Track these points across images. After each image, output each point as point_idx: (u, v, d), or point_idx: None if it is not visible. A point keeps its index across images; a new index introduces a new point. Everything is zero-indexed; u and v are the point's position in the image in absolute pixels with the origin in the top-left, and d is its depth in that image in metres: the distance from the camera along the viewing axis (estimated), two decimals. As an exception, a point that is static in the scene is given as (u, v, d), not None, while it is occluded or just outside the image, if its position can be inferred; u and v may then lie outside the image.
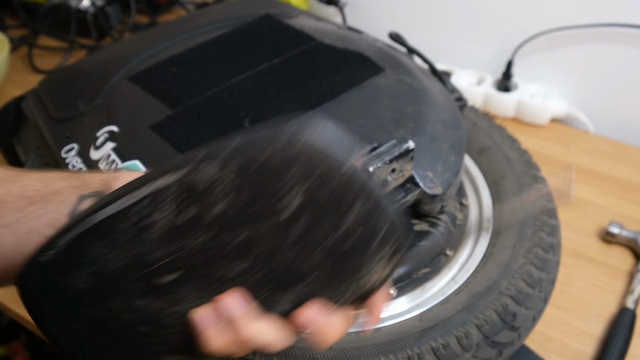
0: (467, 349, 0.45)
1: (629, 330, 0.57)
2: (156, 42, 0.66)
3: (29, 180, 0.39)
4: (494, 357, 0.46)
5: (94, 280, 0.31)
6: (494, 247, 0.54)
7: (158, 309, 0.32)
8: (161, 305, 0.31)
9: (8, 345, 0.99)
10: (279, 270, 0.31)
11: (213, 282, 0.31)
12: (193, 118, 0.55)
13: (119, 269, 0.31)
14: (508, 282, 0.49)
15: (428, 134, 0.53)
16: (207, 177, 0.28)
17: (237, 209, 0.28)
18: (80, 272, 0.31)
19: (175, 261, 0.30)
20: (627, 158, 0.78)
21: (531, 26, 0.81)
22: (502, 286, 0.48)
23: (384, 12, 0.93)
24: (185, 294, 0.31)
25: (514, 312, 0.47)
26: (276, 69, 0.60)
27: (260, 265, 0.30)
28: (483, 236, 0.55)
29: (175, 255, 0.30)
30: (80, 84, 0.62)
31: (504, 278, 0.49)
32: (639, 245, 0.64)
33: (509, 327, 0.47)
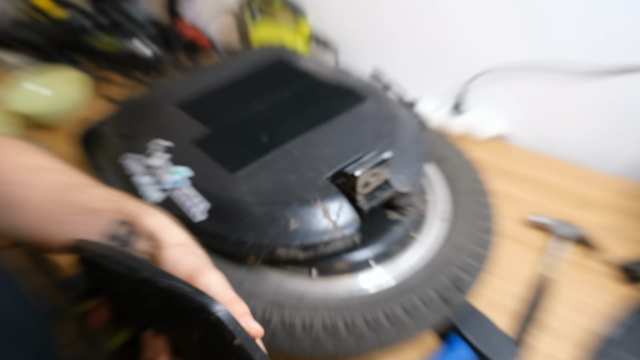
0: (427, 303, 0.46)
1: (545, 291, 0.58)
2: (197, 80, 0.67)
3: (83, 194, 0.38)
4: (446, 311, 0.47)
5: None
6: (449, 231, 0.54)
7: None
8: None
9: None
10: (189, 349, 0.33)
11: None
12: (226, 137, 0.55)
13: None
14: (457, 257, 0.49)
15: (399, 148, 0.53)
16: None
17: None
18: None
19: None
20: (545, 166, 0.78)
21: (477, 67, 0.81)
22: (453, 260, 0.49)
23: (366, 54, 0.93)
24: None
25: (461, 278, 0.48)
26: (286, 100, 0.61)
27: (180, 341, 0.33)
28: (441, 223, 0.56)
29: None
30: (141, 111, 0.62)
31: (454, 254, 0.50)
32: (553, 229, 0.65)
33: (457, 289, 0.47)
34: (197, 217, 0.48)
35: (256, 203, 0.47)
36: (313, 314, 0.45)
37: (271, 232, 0.46)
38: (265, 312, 0.45)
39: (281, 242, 0.46)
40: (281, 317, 0.45)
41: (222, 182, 0.49)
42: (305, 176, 0.49)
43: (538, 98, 0.79)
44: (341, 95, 0.61)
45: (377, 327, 0.44)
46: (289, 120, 0.57)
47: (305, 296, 0.48)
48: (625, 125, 0.73)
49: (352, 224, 0.47)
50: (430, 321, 0.46)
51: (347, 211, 0.47)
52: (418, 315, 0.45)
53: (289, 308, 0.45)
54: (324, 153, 0.52)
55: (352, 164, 0.49)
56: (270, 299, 0.46)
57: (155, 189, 0.52)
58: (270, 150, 0.52)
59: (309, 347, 0.44)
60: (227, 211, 0.48)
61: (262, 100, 0.61)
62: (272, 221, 0.46)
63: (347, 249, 0.49)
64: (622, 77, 0.70)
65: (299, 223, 0.46)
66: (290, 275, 0.50)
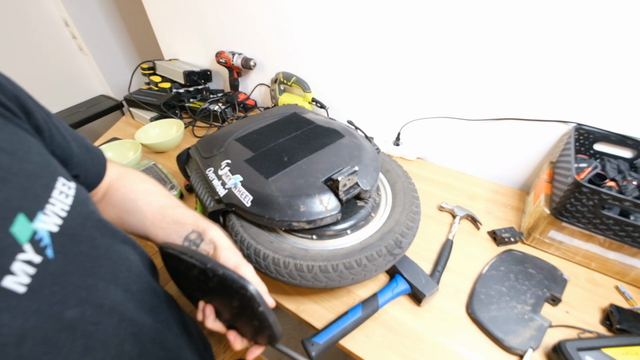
0: (380, 255, 0.45)
1: (450, 248, 0.57)
2: (246, 124, 0.66)
3: (175, 212, 0.39)
4: (392, 260, 0.46)
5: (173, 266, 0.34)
6: (392, 212, 0.54)
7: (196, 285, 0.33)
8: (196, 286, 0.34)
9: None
10: (226, 313, 0.32)
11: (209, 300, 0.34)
12: (263, 157, 0.54)
13: (183, 271, 0.33)
14: (398, 227, 0.49)
15: (364, 164, 0.52)
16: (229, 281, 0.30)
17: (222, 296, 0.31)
18: (172, 263, 0.34)
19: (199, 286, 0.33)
20: (448, 174, 0.78)
21: (407, 118, 0.81)
22: (395, 229, 0.48)
23: (344, 110, 0.93)
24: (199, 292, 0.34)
25: (400, 240, 0.47)
26: (298, 136, 0.60)
27: (221, 308, 0.33)
28: (387, 208, 0.55)
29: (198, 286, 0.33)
30: (214, 142, 0.61)
31: (396, 226, 0.49)
32: (454, 211, 0.65)
33: (398, 247, 0.47)
34: (247, 204, 0.47)
35: (280, 196, 0.46)
36: (314, 261, 0.44)
37: (289, 213, 0.45)
38: (286, 260, 0.44)
39: (295, 218, 0.45)
40: (294, 263, 0.44)
41: (261, 183, 0.49)
42: (309, 180, 0.48)
43: (442, 135, 0.78)
44: (330, 134, 0.60)
45: (351, 269, 0.43)
46: (300, 148, 0.56)
47: (309, 250, 0.47)
48: (492, 150, 0.73)
49: (336, 208, 0.46)
50: (383, 266, 0.45)
51: (333, 201, 0.47)
52: (375, 262, 0.45)
53: (299, 258, 0.45)
54: (320, 167, 0.51)
55: (336, 173, 0.49)
56: (288, 252, 0.46)
57: (222, 188, 0.51)
58: (289, 166, 0.51)
59: (311, 281, 0.43)
60: (263, 201, 0.47)
61: (283, 136, 0.60)
62: (290, 206, 0.46)
63: (333, 223, 0.48)
64: (489, 124, 0.70)
65: (306, 207, 0.45)
66: (300, 238, 0.50)
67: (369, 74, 0.80)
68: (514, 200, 0.69)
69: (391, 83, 0.78)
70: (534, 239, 0.57)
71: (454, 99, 0.72)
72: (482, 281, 0.51)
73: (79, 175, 0.34)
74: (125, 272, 0.30)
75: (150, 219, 0.38)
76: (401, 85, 0.77)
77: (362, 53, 0.78)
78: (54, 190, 0.26)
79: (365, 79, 0.82)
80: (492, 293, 0.49)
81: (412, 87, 0.76)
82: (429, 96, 0.75)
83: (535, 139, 0.66)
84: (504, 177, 0.75)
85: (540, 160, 0.68)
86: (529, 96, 0.63)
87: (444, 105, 0.74)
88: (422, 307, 0.49)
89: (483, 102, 0.68)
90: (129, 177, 0.42)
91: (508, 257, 0.55)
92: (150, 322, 0.31)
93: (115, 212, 0.39)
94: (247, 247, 0.46)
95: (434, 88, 0.73)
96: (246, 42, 0.99)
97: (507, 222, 0.63)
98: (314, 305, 0.50)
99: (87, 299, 0.25)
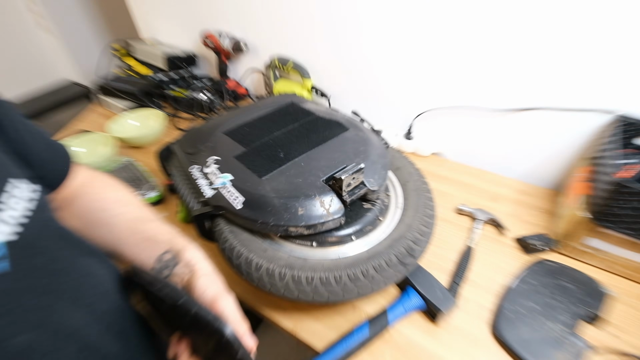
0: (390, 265, 0.44)
1: (470, 257, 0.56)
2: (237, 115, 0.64)
3: (149, 227, 0.38)
4: (403, 270, 0.45)
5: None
6: (403, 216, 0.52)
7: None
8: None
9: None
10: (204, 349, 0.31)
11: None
12: (255, 153, 0.53)
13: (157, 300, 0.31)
14: (410, 233, 0.47)
15: (371, 160, 0.51)
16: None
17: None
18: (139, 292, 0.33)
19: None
20: (468, 172, 0.77)
21: (420, 108, 0.80)
22: (407, 235, 0.47)
23: (348, 100, 0.92)
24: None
25: (413, 248, 0.46)
26: (296, 128, 0.59)
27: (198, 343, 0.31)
28: (397, 211, 0.54)
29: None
30: (199, 136, 0.60)
31: (408, 231, 0.48)
32: (474, 215, 0.64)
33: (411, 255, 0.45)
34: (237, 206, 0.46)
35: (276, 197, 0.45)
36: (313, 272, 0.43)
37: (286, 217, 0.44)
38: (281, 271, 0.43)
39: (292, 223, 0.44)
40: (291, 274, 0.43)
41: (253, 183, 0.48)
42: (308, 179, 0.47)
43: (461, 126, 0.77)
44: (332, 126, 0.59)
45: (357, 281, 0.42)
46: (297, 143, 0.55)
47: (308, 260, 0.45)
48: (519, 144, 0.72)
49: (339, 211, 0.45)
50: (393, 277, 0.44)
51: (336, 202, 0.46)
52: (384, 273, 0.43)
53: (297, 268, 0.43)
54: (320, 164, 0.50)
55: (339, 172, 0.47)
56: (284, 262, 0.44)
57: (208, 188, 0.50)
58: (286, 163, 0.50)
59: (311, 295, 0.42)
60: (256, 203, 0.46)
61: (279, 129, 0.59)
62: (286, 209, 0.44)
63: (336, 228, 0.47)
64: (515, 114, 0.68)
65: (304, 210, 0.44)
66: (298, 246, 0.48)
67: (376, 57, 0.79)
68: (545, 202, 0.68)
69: (402, 67, 0.77)
70: (569, 247, 0.55)
71: (475, 85, 0.70)
72: (510, 296, 0.50)
73: (43, 176, 0.33)
74: (90, 290, 0.29)
75: (118, 234, 0.37)
76: (414, 69, 0.76)
77: (368, 33, 0.77)
78: (1, 195, 0.24)
79: (372, 63, 0.81)
80: (522, 310, 0.48)
81: (427, 72, 0.74)
82: (446, 82, 0.73)
83: (570, 131, 0.65)
84: (533, 175, 0.74)
85: (575, 156, 0.67)
86: (562, 81, 0.61)
87: (463, 93, 0.72)
88: (438, 326, 0.48)
89: (508, 89, 0.67)
90: (98, 184, 0.41)
91: (540, 269, 0.54)
92: (118, 350, 0.29)
93: (80, 224, 0.37)
94: (236, 255, 0.45)
95: (451, 72, 0.71)
96: (237, 21, 0.98)
97: (537, 228, 0.62)
98: (314, 323, 0.49)
99: (42, 323, 0.24)
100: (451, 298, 0.47)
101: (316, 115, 0.62)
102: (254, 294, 0.52)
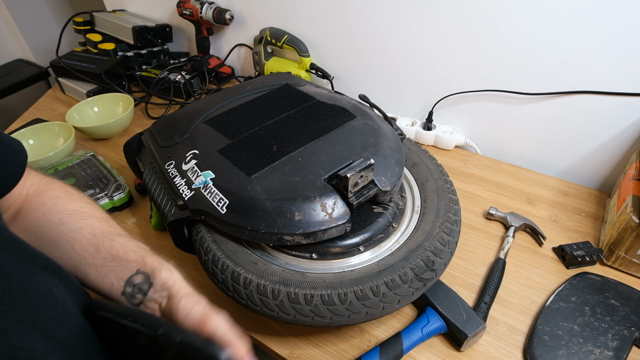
0: (405, 281, 0.44)
1: (501, 271, 0.57)
2: (220, 100, 0.65)
3: (116, 243, 0.38)
4: (421, 287, 0.46)
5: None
6: (421, 222, 0.53)
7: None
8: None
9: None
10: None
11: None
12: (243, 146, 0.54)
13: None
14: (429, 242, 0.48)
15: (382, 155, 0.52)
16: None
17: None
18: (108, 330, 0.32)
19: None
20: (499, 169, 0.77)
21: (442, 92, 0.80)
22: (426, 245, 0.48)
23: (355, 83, 0.93)
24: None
25: (433, 260, 0.46)
26: (292, 116, 0.60)
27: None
28: (414, 216, 0.55)
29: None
30: (175, 126, 0.61)
31: (427, 240, 0.49)
32: (507, 220, 0.64)
33: (430, 269, 0.46)
34: (221, 210, 0.47)
35: (267, 199, 0.46)
36: (313, 289, 0.43)
37: (280, 223, 0.45)
38: (275, 288, 0.44)
39: (288, 230, 0.45)
40: (287, 292, 0.43)
41: (240, 182, 0.48)
42: (307, 178, 0.48)
43: (491, 115, 0.78)
44: (335, 113, 0.60)
45: (365, 300, 0.43)
46: (294, 134, 0.56)
47: (307, 274, 0.46)
48: (559, 136, 0.73)
49: (344, 216, 0.46)
50: (408, 295, 0.45)
51: (340, 206, 0.46)
52: (399, 291, 0.44)
53: (293, 285, 0.44)
54: (322, 160, 0.51)
55: (344, 168, 0.48)
56: (278, 277, 0.45)
57: (186, 188, 0.51)
58: (280, 158, 0.51)
59: (310, 316, 0.43)
60: (244, 206, 0.46)
61: (272, 116, 0.60)
62: (281, 214, 0.45)
63: (341, 236, 0.48)
64: (554, 99, 0.69)
65: (302, 215, 0.45)
66: (295, 258, 0.49)
67: (390, 28, 0.80)
68: (590, 204, 0.68)
69: (420, 43, 0.78)
70: (617, 258, 0.56)
71: (507, 65, 0.71)
72: (545, 316, 0.51)
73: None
74: (48, 312, 0.29)
75: (79, 253, 0.37)
76: (436, 44, 0.76)
77: (381, 0, 0.77)
78: None
79: (385, 36, 0.81)
80: (559, 333, 0.49)
81: (450, 48, 0.75)
82: (472, 61, 0.74)
83: (621, 120, 0.65)
84: (576, 173, 0.75)
85: (627, 150, 0.68)
86: (611, 58, 0.62)
87: (494, 74, 0.73)
88: (463, 352, 0.49)
89: (547, 69, 0.68)
90: (54, 192, 0.41)
91: (582, 284, 0.54)
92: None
93: (31, 240, 0.37)
94: (221, 269, 0.46)
95: (478, 49, 0.72)
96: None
97: (580, 235, 0.63)
98: (314, 350, 0.50)
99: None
100: (478, 320, 0.48)
101: (316, 100, 0.63)
102: (243, 315, 0.53)
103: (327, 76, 0.92)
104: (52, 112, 1.01)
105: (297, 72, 0.94)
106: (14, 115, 1.03)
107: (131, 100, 0.92)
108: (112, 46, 1.06)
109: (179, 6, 1.01)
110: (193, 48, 1.13)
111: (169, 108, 0.98)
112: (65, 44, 1.12)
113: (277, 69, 0.96)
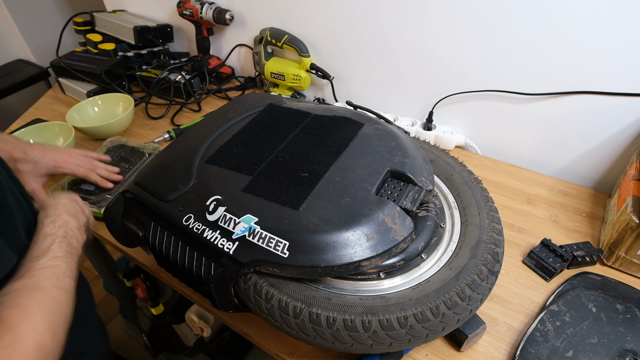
0: (483, 279, 0.43)
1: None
2: (208, 135, 0.58)
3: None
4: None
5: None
6: (465, 215, 0.51)
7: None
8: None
9: (133, 280, 0.98)
10: None
11: None
12: (268, 178, 0.49)
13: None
14: (486, 235, 0.47)
15: (410, 156, 0.50)
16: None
17: None
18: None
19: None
20: (499, 169, 0.77)
21: (443, 92, 0.80)
22: (485, 238, 0.47)
23: (356, 82, 0.92)
24: None
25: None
26: (298, 136, 0.56)
27: None
28: (454, 211, 0.53)
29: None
30: (170, 173, 0.53)
31: (483, 234, 0.48)
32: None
33: (497, 262, 0.45)
34: (283, 254, 0.41)
35: (331, 228, 0.41)
36: (402, 312, 0.40)
37: (351, 251, 0.40)
38: (364, 320, 0.39)
39: (364, 255, 0.40)
40: (378, 321, 0.39)
41: (292, 218, 0.43)
42: (357, 196, 0.45)
43: (490, 115, 0.78)
44: (341, 124, 0.57)
45: (456, 307, 0.41)
46: (313, 154, 0.52)
47: (387, 297, 0.42)
48: (558, 135, 0.73)
49: (409, 226, 0.43)
50: (487, 292, 0.43)
51: (403, 215, 0.44)
52: (480, 290, 0.42)
53: (381, 312, 0.40)
54: (359, 174, 0.48)
55: (387, 177, 0.48)
56: (361, 309, 0.40)
57: (225, 241, 0.43)
58: (317, 182, 0.47)
59: (406, 341, 0.40)
60: (308, 243, 0.41)
61: (279, 141, 0.55)
62: (351, 240, 0.41)
63: (407, 246, 0.45)
64: (554, 100, 0.69)
65: (372, 235, 0.41)
66: (363, 282, 0.45)
67: (389, 30, 0.79)
68: (590, 204, 0.68)
69: (421, 43, 0.77)
70: (618, 259, 0.56)
71: (507, 66, 0.71)
72: (544, 316, 0.51)
73: None
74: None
75: None
76: (435, 45, 0.76)
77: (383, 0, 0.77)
78: None
79: (384, 37, 0.81)
80: (556, 332, 0.49)
81: (450, 49, 0.75)
82: (473, 61, 0.74)
83: (619, 120, 0.65)
84: (576, 173, 0.74)
85: (626, 149, 0.67)
86: (610, 58, 0.61)
87: (493, 74, 0.73)
88: (463, 352, 0.49)
89: (546, 70, 0.67)
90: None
91: (580, 283, 0.54)
92: None
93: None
94: (294, 314, 0.40)
95: (479, 50, 0.72)
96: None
97: (580, 235, 0.63)
98: (314, 349, 0.50)
99: None
100: (478, 320, 0.48)
101: (313, 114, 0.60)
102: (250, 319, 0.52)
103: (327, 76, 0.92)
104: (52, 112, 1.01)
105: (297, 72, 0.94)
106: (14, 115, 1.02)
107: (131, 101, 0.91)
108: (113, 46, 1.06)
109: (179, 6, 1.01)
110: (193, 48, 1.13)
111: (169, 108, 0.98)
112: (66, 44, 1.12)
113: (277, 69, 0.96)
